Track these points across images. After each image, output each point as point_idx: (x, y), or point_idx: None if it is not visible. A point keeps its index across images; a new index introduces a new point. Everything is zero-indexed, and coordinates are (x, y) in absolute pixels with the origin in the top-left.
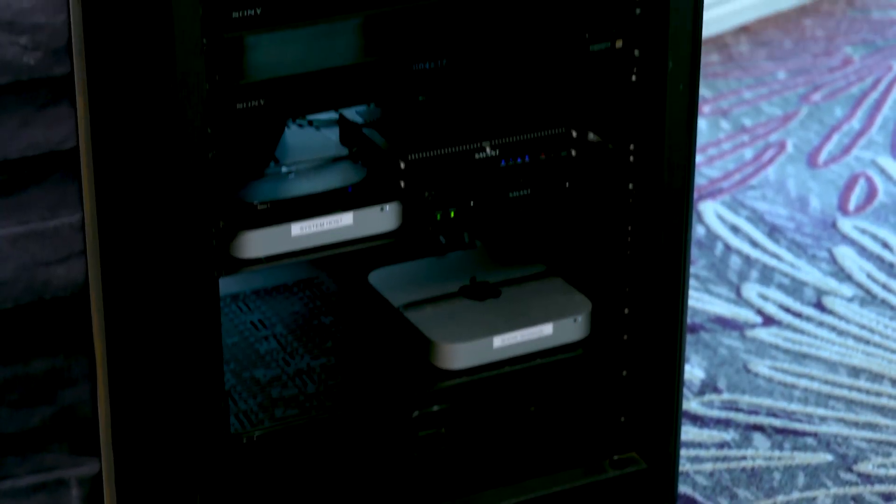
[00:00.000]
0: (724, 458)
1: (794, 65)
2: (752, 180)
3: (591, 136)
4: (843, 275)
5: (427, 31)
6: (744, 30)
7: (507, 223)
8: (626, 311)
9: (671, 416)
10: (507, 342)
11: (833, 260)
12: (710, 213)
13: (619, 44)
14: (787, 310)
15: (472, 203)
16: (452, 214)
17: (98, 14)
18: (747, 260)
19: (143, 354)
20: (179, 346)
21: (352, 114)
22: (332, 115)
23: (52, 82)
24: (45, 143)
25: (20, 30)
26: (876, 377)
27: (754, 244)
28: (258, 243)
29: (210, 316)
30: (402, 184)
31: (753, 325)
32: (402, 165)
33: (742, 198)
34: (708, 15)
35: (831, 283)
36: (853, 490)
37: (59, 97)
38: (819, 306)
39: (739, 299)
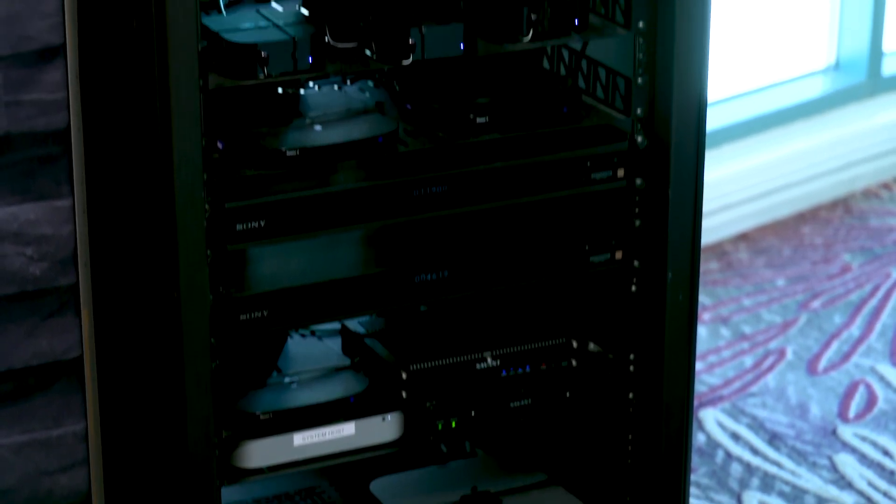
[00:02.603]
0: None
1: (793, 272)
2: (753, 387)
3: (591, 346)
4: (843, 482)
5: (429, 244)
6: (743, 237)
7: (509, 432)
8: None
9: None
10: None
11: (834, 467)
12: (711, 421)
13: (618, 255)
14: None
15: (473, 413)
16: (454, 424)
17: (104, 226)
18: (748, 467)
19: None
20: None
21: (354, 324)
22: (335, 324)
23: (57, 292)
24: (49, 353)
25: (26, 240)
26: None
27: (755, 452)
28: (260, 453)
29: None
30: (404, 394)
31: None
32: (404, 376)
33: (742, 405)
34: (707, 223)
35: (832, 491)
36: None
37: (64, 307)
38: None
39: None
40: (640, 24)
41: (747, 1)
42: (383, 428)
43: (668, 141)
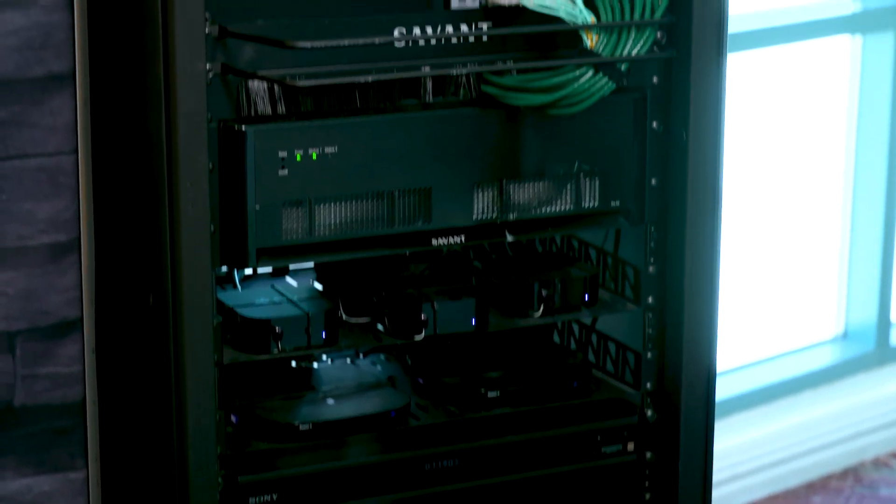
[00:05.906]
0: None
1: None
2: None
3: None
4: None
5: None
6: None
7: None
8: None
9: None
10: None
11: None
12: None
13: (630, 447)
14: None
15: None
16: None
17: (117, 499)
18: None
19: None
20: None
21: None
22: None
23: None
24: None
25: None
26: None
27: None
28: None
29: None
30: None
31: None
32: None
33: None
34: (717, 493)
35: None
36: None
37: None
38: None
39: None
40: (650, 300)
41: (756, 271)
42: None
43: (677, 414)
